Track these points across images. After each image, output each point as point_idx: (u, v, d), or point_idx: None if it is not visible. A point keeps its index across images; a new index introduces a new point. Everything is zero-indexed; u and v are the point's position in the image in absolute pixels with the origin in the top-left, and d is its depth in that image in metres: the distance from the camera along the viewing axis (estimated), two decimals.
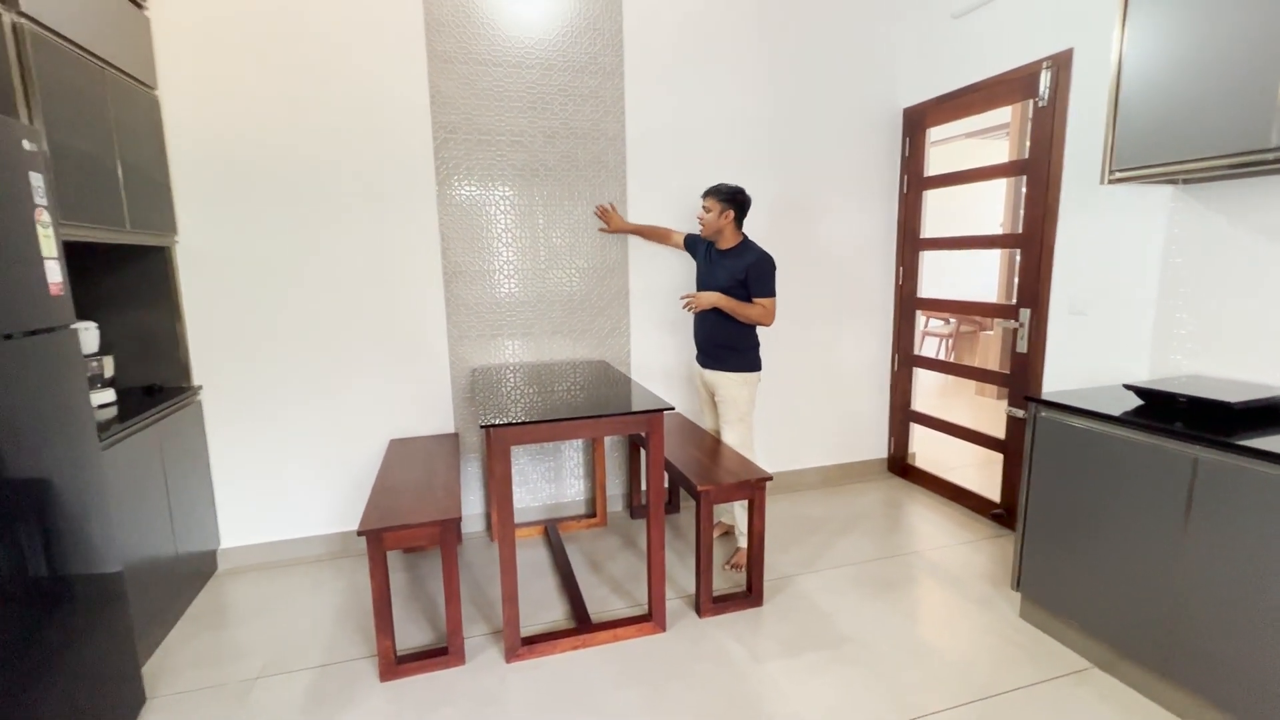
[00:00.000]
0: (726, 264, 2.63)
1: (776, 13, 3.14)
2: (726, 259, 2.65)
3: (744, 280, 2.58)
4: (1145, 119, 1.93)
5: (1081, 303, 2.53)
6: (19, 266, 1.49)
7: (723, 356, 2.69)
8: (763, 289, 2.58)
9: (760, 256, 2.60)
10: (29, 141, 1.53)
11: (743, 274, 2.58)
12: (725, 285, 2.61)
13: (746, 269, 2.58)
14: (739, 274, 2.58)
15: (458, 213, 2.82)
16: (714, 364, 2.72)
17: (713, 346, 2.71)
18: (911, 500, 3.38)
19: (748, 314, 2.59)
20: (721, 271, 2.64)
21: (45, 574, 1.50)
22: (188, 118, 2.47)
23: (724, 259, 2.66)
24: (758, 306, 2.58)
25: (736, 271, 2.59)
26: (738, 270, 2.59)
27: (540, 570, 2.67)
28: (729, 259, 2.64)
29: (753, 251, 2.62)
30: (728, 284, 2.60)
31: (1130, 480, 1.81)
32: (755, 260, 2.59)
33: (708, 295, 2.61)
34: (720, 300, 2.59)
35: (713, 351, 2.72)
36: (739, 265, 2.59)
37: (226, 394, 2.66)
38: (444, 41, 2.69)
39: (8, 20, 1.63)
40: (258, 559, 2.78)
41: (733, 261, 2.62)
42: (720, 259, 2.67)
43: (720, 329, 2.67)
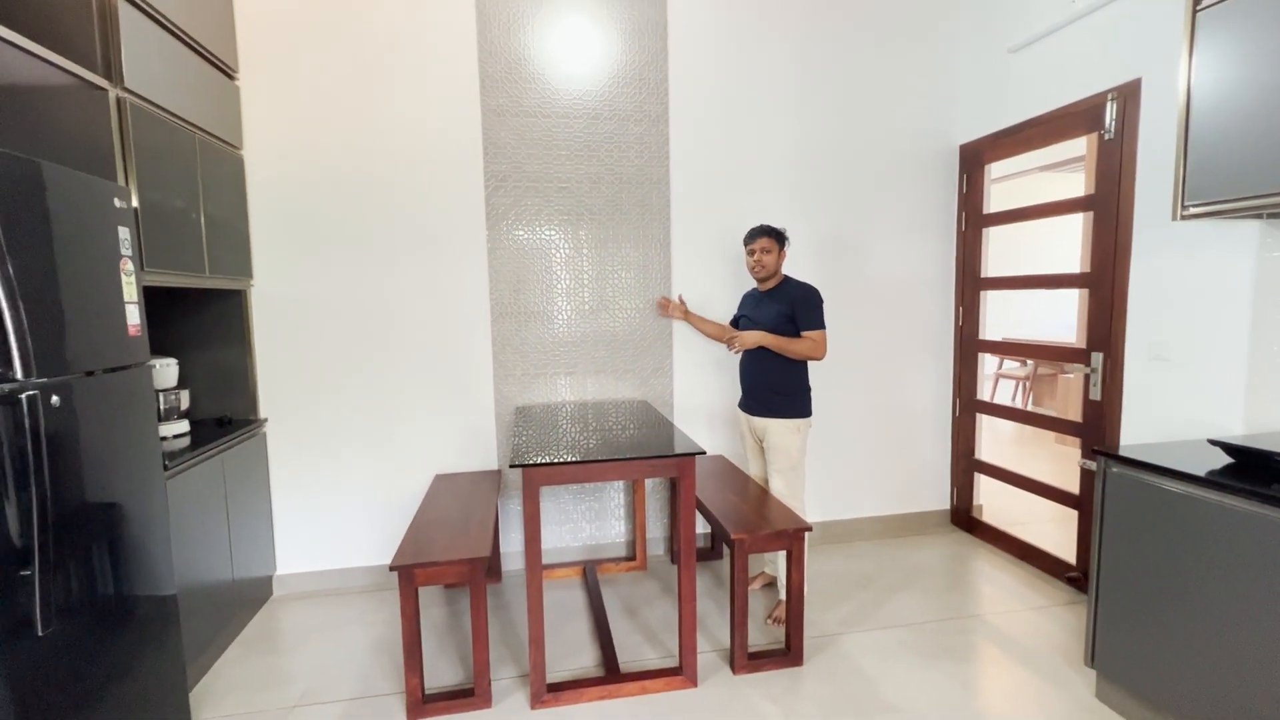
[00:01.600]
0: (772, 303, 2.58)
1: (824, 52, 3.14)
2: (771, 298, 2.60)
3: (791, 315, 2.51)
4: (1221, 150, 1.78)
5: (1162, 347, 2.31)
6: (104, 310, 1.66)
7: (772, 402, 2.59)
8: (811, 321, 2.50)
9: (806, 288, 2.55)
10: (119, 199, 1.72)
11: (789, 308, 2.51)
12: (773, 323, 2.54)
13: (793, 302, 2.52)
14: (786, 309, 2.52)
15: (505, 256, 2.93)
16: (763, 410, 2.62)
17: (761, 391, 2.62)
18: (975, 557, 3.13)
19: (796, 349, 2.50)
20: (767, 311, 2.58)
21: (104, 594, 1.62)
22: (268, 173, 2.71)
23: (768, 299, 2.61)
24: (806, 340, 2.49)
25: (783, 307, 2.53)
26: (784, 306, 2.53)
27: (574, 612, 2.64)
28: (773, 297, 2.59)
29: (797, 285, 2.57)
30: (776, 321, 2.54)
31: (1220, 549, 1.60)
32: (801, 292, 2.54)
33: (751, 334, 2.55)
34: (765, 338, 2.52)
35: (761, 396, 2.63)
36: (785, 300, 2.54)
37: (289, 426, 2.82)
38: (497, 96, 2.85)
39: (113, 95, 1.86)
40: (310, 586, 2.90)
41: (780, 298, 2.57)
42: (764, 299, 2.63)
43: (768, 371, 2.58)
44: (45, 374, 1.41)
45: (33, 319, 1.36)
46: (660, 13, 2.96)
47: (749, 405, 2.70)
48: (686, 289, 3.12)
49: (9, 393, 1.31)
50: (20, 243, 1.36)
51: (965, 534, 3.42)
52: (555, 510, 3.10)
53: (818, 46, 3.13)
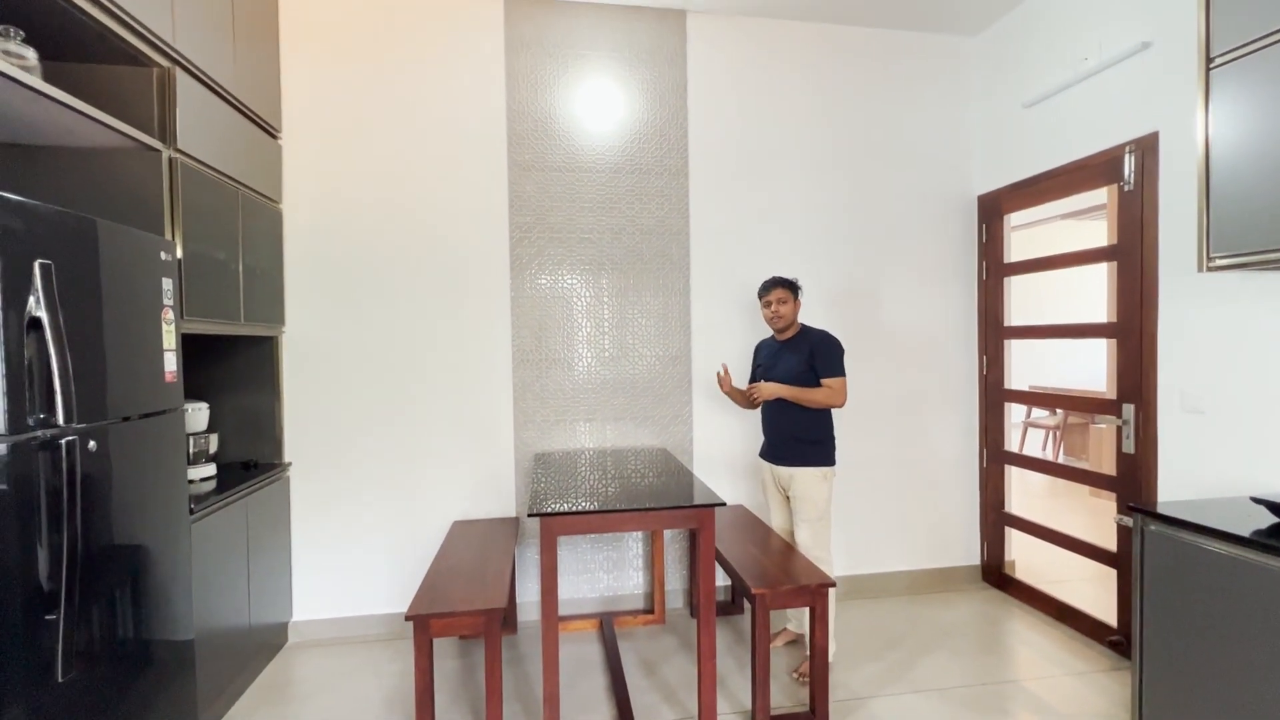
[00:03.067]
0: (791, 352, 2.59)
1: (841, 106, 3.23)
2: (790, 347, 2.60)
3: (811, 364, 2.51)
4: (1245, 202, 1.77)
5: (1195, 399, 2.25)
6: (144, 358, 1.73)
7: (797, 450, 2.57)
8: (831, 368, 2.50)
9: (824, 336, 2.57)
10: (165, 253, 1.81)
11: (809, 357, 2.52)
12: (795, 372, 2.53)
13: (812, 350, 2.52)
14: (805, 358, 2.53)
15: (528, 304, 3.00)
16: (787, 459, 2.59)
17: (786, 440, 2.60)
18: (1009, 616, 2.99)
19: (813, 398, 2.49)
20: (787, 361, 2.58)
21: (123, 639, 1.62)
22: (304, 226, 2.83)
23: (787, 348, 2.62)
24: (823, 389, 2.49)
25: (803, 356, 2.53)
26: (803, 354, 2.54)
27: (590, 668, 2.57)
28: (792, 347, 2.60)
29: (815, 333, 2.59)
30: (797, 370, 2.53)
31: (1270, 615, 1.51)
32: (820, 341, 2.55)
33: (769, 386, 2.54)
34: (780, 390, 2.52)
35: (786, 445, 2.60)
36: (804, 348, 2.55)
37: (312, 471, 2.86)
38: (523, 152, 2.97)
39: (166, 155, 1.99)
40: (326, 634, 2.87)
41: (798, 347, 2.57)
42: (783, 349, 2.63)
43: (793, 420, 2.57)
44: (85, 419, 1.46)
45: (77, 367, 1.42)
46: (680, 73, 3.09)
47: (773, 454, 2.66)
48: (705, 337, 3.14)
49: (50, 438, 1.35)
50: (72, 294, 1.44)
51: (997, 591, 3.28)
52: (573, 559, 3.06)
53: (834, 101, 3.23)
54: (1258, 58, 1.72)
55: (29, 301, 1.32)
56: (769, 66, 3.17)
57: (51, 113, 1.65)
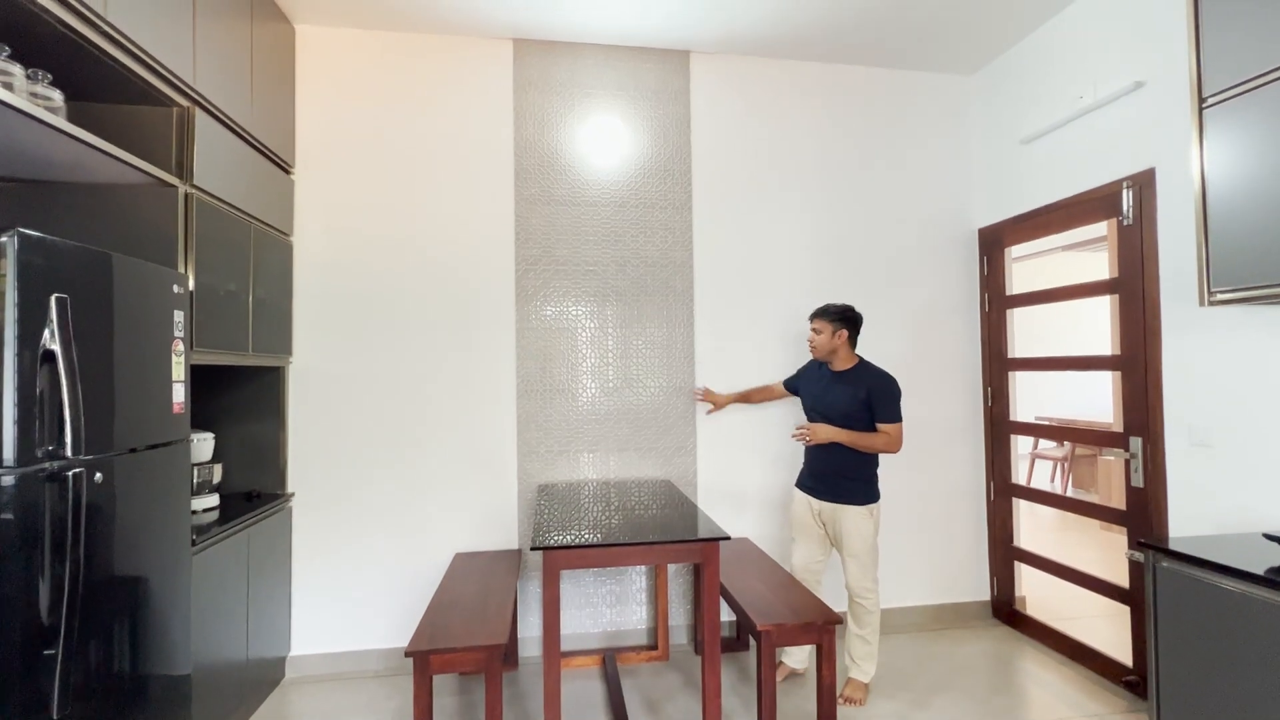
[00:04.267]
0: (845, 387, 2.51)
1: (842, 141, 3.30)
2: (844, 381, 2.53)
3: (866, 401, 2.46)
4: (1244, 237, 1.79)
5: (1204, 433, 2.23)
6: (153, 389, 1.74)
7: (845, 488, 2.51)
8: (889, 414, 2.44)
9: (883, 378, 2.49)
10: (178, 286, 1.84)
11: (864, 395, 2.46)
12: (846, 408, 2.48)
13: (869, 390, 2.46)
14: (860, 395, 2.46)
15: (533, 335, 3.02)
16: (835, 496, 2.53)
17: (833, 477, 2.53)
18: (1021, 655, 2.92)
19: (872, 445, 2.44)
20: (839, 395, 2.51)
21: (120, 673, 1.60)
22: (314, 257, 2.88)
23: (841, 381, 2.54)
24: (883, 435, 2.43)
25: (858, 393, 2.47)
26: (859, 392, 2.47)
27: (592, 706, 2.51)
28: (847, 381, 2.53)
29: (873, 373, 2.52)
30: (849, 407, 2.47)
31: None
32: (879, 382, 2.48)
33: (824, 429, 2.48)
34: (839, 435, 2.46)
35: (833, 482, 2.54)
36: (859, 387, 2.48)
37: (315, 501, 2.85)
38: (529, 186, 3.03)
39: (182, 191, 2.04)
40: (323, 669, 2.82)
41: (852, 383, 2.51)
42: (836, 381, 2.56)
43: (843, 459, 2.51)
44: (92, 451, 1.47)
45: (87, 399, 1.43)
46: (684, 110, 3.17)
47: (818, 490, 2.59)
48: (709, 368, 3.14)
49: (57, 469, 1.36)
50: (85, 327, 1.46)
51: (1009, 628, 3.21)
52: (575, 593, 3.02)
53: (835, 138, 3.29)
54: (1249, 98, 1.76)
55: (44, 335, 1.34)
56: (771, 104, 3.25)
57: (74, 151, 1.70)
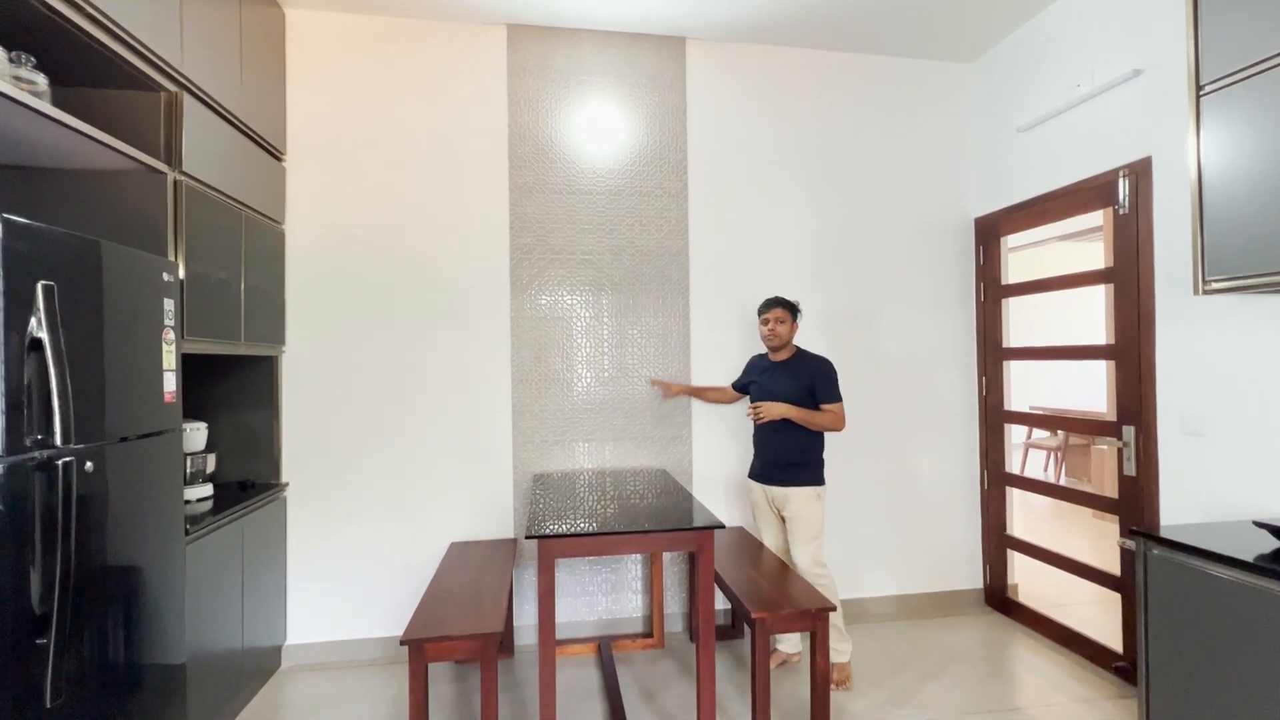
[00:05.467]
0: (788, 375, 2.63)
1: (839, 130, 3.28)
2: (786, 370, 2.65)
3: (810, 388, 2.57)
4: (1239, 226, 1.79)
5: (1196, 421, 2.24)
6: (143, 378, 1.73)
7: (793, 473, 2.61)
8: (831, 394, 2.57)
9: (823, 361, 2.63)
10: (167, 273, 1.82)
11: (809, 382, 2.58)
12: (792, 396, 2.58)
13: (812, 376, 2.58)
14: (805, 382, 2.58)
15: (528, 324, 3.01)
16: (783, 479, 2.62)
17: (783, 463, 2.63)
18: (1013, 642, 2.95)
19: (820, 422, 2.55)
20: (784, 383, 2.62)
21: (114, 662, 1.60)
22: (307, 246, 2.86)
23: (784, 370, 2.66)
24: (829, 414, 2.56)
25: (802, 380, 2.59)
26: (802, 378, 2.59)
27: (588, 693, 2.52)
28: (790, 369, 2.64)
29: (814, 358, 2.65)
30: (794, 393, 2.58)
31: (1276, 642, 1.49)
32: (820, 366, 2.61)
33: (776, 406, 2.57)
34: (790, 411, 2.55)
35: (782, 466, 2.63)
36: (803, 373, 2.61)
37: (310, 491, 2.84)
38: (524, 174, 3.00)
39: (171, 178, 2.01)
40: (319, 658, 2.82)
41: (795, 371, 2.62)
42: (780, 371, 2.67)
43: (793, 442, 2.61)
44: (83, 440, 1.46)
45: (76, 387, 1.42)
46: (680, 98, 3.14)
47: (768, 475, 2.68)
48: (705, 357, 3.14)
49: (47, 459, 1.35)
50: (73, 315, 1.45)
51: (1001, 616, 3.24)
52: (571, 581, 3.03)
53: (832, 126, 3.27)
54: (1246, 86, 1.75)
55: (30, 322, 1.33)
56: (767, 92, 3.22)
57: (59, 136, 1.67)
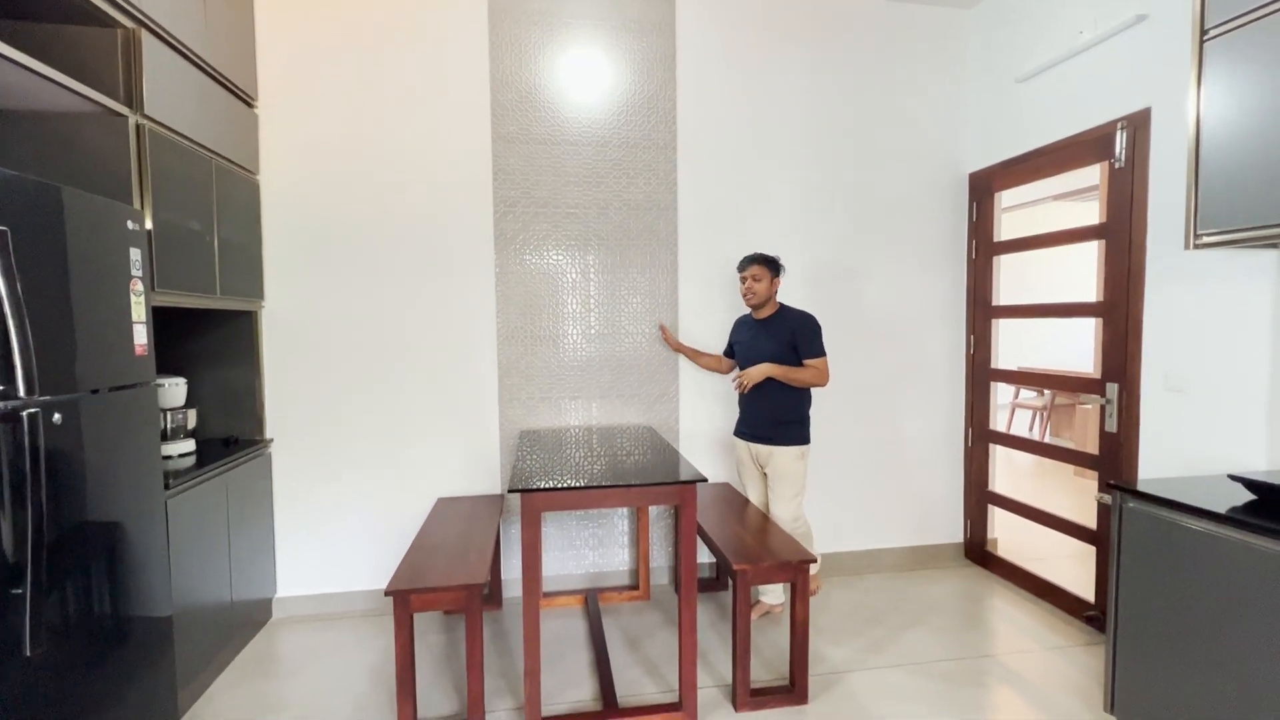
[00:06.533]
0: (770, 332, 2.62)
1: (833, 81, 3.17)
2: (769, 327, 2.63)
3: (793, 344, 2.56)
4: (1233, 179, 1.75)
5: (1178, 379, 2.25)
6: (111, 330, 1.68)
7: (779, 431, 2.62)
8: (813, 349, 2.56)
9: (805, 316, 2.61)
10: (132, 222, 1.76)
11: (790, 337, 2.56)
12: (775, 353, 2.58)
13: (794, 331, 2.57)
14: (786, 338, 2.57)
15: (513, 280, 2.95)
16: (767, 438, 2.64)
17: (768, 421, 2.64)
18: (990, 593, 3.03)
19: (801, 378, 2.55)
20: (767, 341, 2.61)
21: (98, 614, 1.61)
22: (282, 197, 2.77)
23: (767, 328, 2.64)
24: (811, 369, 2.55)
25: (784, 336, 2.58)
26: (784, 335, 2.58)
27: (574, 643, 2.58)
28: (772, 327, 2.63)
29: (795, 313, 2.63)
30: (776, 351, 2.58)
31: (1242, 590, 1.53)
32: (801, 321, 2.59)
33: (757, 369, 2.57)
34: (772, 370, 2.55)
35: (767, 424, 2.64)
36: (784, 330, 2.59)
37: (295, 446, 2.83)
38: (507, 124, 2.90)
39: (132, 121, 1.92)
40: (310, 609, 2.87)
41: (777, 328, 2.61)
42: (762, 329, 2.65)
43: (777, 401, 2.61)
44: (48, 391, 1.42)
45: (39, 337, 1.38)
46: (669, 43, 3.02)
47: (753, 433, 2.70)
48: (693, 314, 3.11)
49: (10, 410, 1.32)
50: (32, 262, 1.39)
51: (980, 569, 3.31)
52: (559, 536, 3.06)
53: (825, 77, 3.16)
54: (1253, 29, 1.68)
55: None
56: (759, 38, 3.10)
57: (9, 74, 1.58)
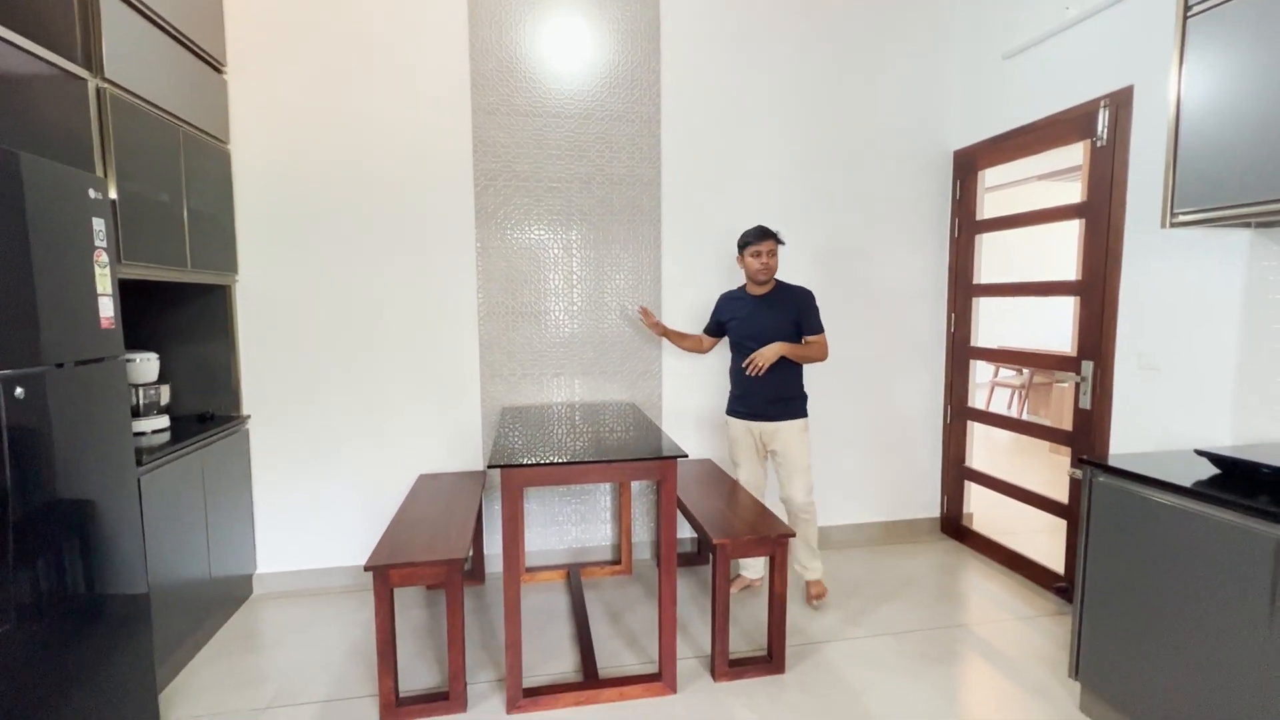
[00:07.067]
0: (773, 308, 2.57)
1: (818, 55, 3.13)
2: (770, 303, 2.59)
3: (797, 321, 2.54)
4: (1210, 158, 1.76)
5: (1151, 356, 2.29)
6: (75, 302, 1.63)
7: (785, 407, 2.60)
8: (816, 324, 2.56)
9: (806, 293, 2.60)
10: (95, 190, 1.70)
11: (795, 314, 2.54)
12: (781, 329, 2.54)
13: (798, 308, 2.55)
14: (791, 314, 2.54)
15: (494, 256, 2.91)
16: (774, 415, 2.59)
17: (773, 398, 2.59)
18: (964, 566, 3.10)
19: (811, 355, 2.56)
20: (769, 317, 2.56)
21: (73, 592, 1.59)
22: (255, 168, 2.69)
23: (768, 304, 2.59)
24: (818, 345, 2.56)
25: (788, 312, 2.55)
26: (789, 311, 2.55)
27: (556, 617, 2.61)
28: (774, 303, 2.58)
29: (795, 289, 2.61)
30: (783, 327, 2.54)
31: (1203, 562, 1.58)
32: (804, 297, 2.58)
33: (771, 350, 2.49)
34: (784, 349, 2.50)
35: (772, 403, 2.59)
36: (789, 306, 2.56)
37: (273, 423, 2.79)
38: (488, 95, 2.83)
39: (92, 85, 1.84)
40: (291, 585, 2.86)
41: (780, 303, 2.58)
42: (764, 305, 2.59)
43: (784, 379, 2.58)
44: (9, 365, 1.38)
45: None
46: (653, 13, 2.95)
47: (754, 411, 2.63)
48: (676, 291, 3.09)
49: None
50: None
51: (955, 542, 3.39)
52: (541, 512, 3.07)
53: (812, 50, 3.12)
54: (1236, 4, 1.68)
55: None
56: (743, 12, 3.04)
57: None
